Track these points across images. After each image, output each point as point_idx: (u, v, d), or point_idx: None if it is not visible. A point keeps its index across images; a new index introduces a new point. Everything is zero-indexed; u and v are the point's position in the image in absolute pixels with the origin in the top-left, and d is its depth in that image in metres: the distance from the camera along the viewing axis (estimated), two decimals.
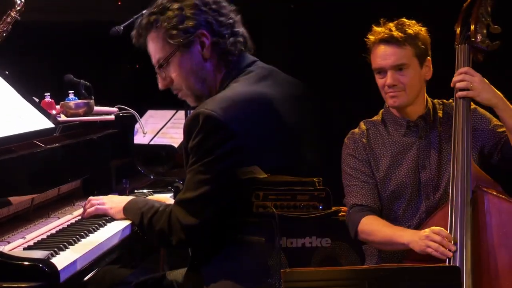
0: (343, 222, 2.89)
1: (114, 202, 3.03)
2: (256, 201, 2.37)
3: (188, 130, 2.64)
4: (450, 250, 2.88)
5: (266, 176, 2.45)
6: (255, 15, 2.81)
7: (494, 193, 3.00)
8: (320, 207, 2.41)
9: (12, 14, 3.50)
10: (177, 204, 2.68)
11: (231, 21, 2.80)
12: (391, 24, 3.20)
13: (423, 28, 3.23)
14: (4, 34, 3.48)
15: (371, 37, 3.21)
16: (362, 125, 3.32)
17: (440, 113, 3.25)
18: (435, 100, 3.29)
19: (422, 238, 2.93)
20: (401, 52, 3.14)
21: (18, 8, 3.51)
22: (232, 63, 2.79)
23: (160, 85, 2.88)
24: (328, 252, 2.56)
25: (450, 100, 3.29)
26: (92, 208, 3.05)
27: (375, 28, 3.23)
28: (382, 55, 3.16)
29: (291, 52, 4.96)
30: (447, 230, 2.93)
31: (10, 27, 3.50)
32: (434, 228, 2.95)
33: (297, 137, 2.81)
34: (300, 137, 2.80)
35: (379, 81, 3.21)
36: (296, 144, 2.76)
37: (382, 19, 3.25)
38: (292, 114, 2.80)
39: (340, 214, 2.56)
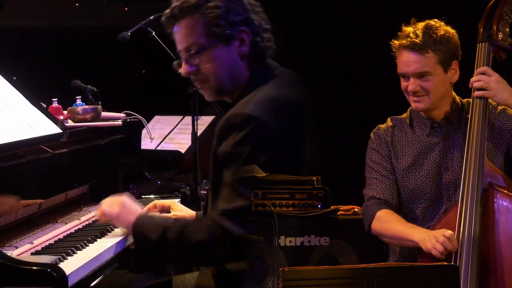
0: (342, 221, 2.87)
1: (124, 212, 2.80)
2: (255, 199, 2.38)
3: (225, 131, 2.57)
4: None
5: (264, 175, 2.45)
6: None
7: (506, 191, 2.97)
8: (319, 206, 2.41)
9: None
10: (224, 215, 2.53)
11: (268, 26, 2.78)
12: (419, 26, 3.14)
13: (451, 31, 3.16)
14: None
15: (396, 41, 3.17)
16: (389, 121, 3.31)
17: (468, 114, 3.21)
18: (465, 100, 3.21)
19: (430, 238, 2.91)
20: (423, 60, 3.10)
21: None
22: (263, 66, 2.76)
23: (184, 72, 2.74)
24: (327, 251, 2.56)
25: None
26: (101, 215, 2.88)
27: (403, 29, 3.17)
28: (405, 62, 3.13)
29: (290, 54, 4.98)
30: (457, 228, 2.92)
31: None
32: (445, 231, 2.93)
33: (303, 138, 2.82)
34: (303, 137, 2.80)
35: (403, 83, 3.19)
36: (300, 144, 2.76)
37: (413, 18, 3.18)
38: (307, 117, 2.80)
39: (338, 213, 2.55)
